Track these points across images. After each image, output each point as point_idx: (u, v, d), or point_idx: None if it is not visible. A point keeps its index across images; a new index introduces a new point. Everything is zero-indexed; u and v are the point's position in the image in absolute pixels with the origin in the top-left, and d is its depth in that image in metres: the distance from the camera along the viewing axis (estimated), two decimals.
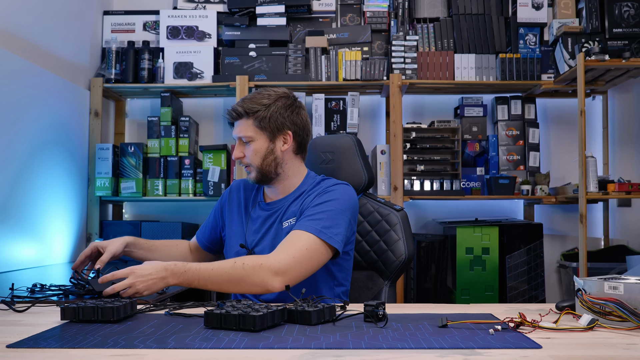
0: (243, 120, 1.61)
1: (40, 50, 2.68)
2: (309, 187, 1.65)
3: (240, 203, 1.74)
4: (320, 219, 1.50)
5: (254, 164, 1.61)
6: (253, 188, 1.75)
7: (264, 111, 1.60)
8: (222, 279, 1.39)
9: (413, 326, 1.10)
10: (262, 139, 1.60)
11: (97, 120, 3.12)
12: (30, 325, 1.14)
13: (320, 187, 1.62)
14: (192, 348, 0.94)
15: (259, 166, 1.61)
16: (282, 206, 1.65)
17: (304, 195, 1.63)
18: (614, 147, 3.34)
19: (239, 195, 1.75)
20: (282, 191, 1.67)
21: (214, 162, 3.13)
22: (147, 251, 1.70)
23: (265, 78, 3.16)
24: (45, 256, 2.62)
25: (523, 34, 3.22)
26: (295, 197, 1.64)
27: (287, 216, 1.62)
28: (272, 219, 1.65)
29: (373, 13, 3.27)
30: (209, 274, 1.39)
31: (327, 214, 1.52)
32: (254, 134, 1.60)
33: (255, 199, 1.72)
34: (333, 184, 1.63)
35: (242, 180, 1.80)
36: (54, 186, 2.71)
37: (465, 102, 3.31)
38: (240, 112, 1.61)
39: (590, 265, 2.80)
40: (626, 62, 2.72)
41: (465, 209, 3.39)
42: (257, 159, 1.61)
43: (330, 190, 1.59)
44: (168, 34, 3.26)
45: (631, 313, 1.07)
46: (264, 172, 1.62)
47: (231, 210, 1.74)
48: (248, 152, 1.61)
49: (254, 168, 1.62)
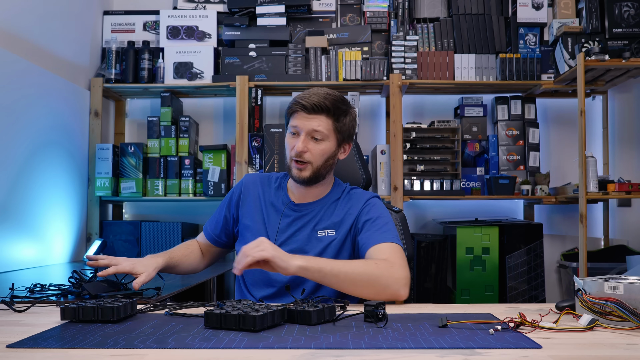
0: (323, 117, 1.53)
1: (41, 50, 2.68)
2: (342, 197, 1.63)
3: (260, 198, 1.65)
4: (389, 230, 1.53)
5: (315, 163, 1.54)
6: (272, 185, 1.68)
7: (346, 116, 1.57)
8: (356, 274, 1.37)
9: (413, 326, 1.10)
10: (333, 141, 1.56)
11: (97, 120, 3.12)
12: (30, 325, 1.14)
13: (358, 198, 1.61)
14: (192, 348, 0.94)
15: (319, 167, 1.55)
16: (311, 210, 1.61)
17: (340, 207, 1.60)
18: (614, 147, 3.34)
19: (257, 190, 1.67)
20: (315, 195, 1.62)
21: (214, 162, 3.13)
22: (173, 268, 1.64)
23: (265, 78, 3.16)
24: (45, 256, 2.62)
25: (523, 34, 3.22)
26: (327, 205, 1.61)
27: (323, 226, 1.59)
28: (302, 222, 1.60)
29: (373, 13, 3.27)
30: (343, 265, 1.38)
31: (390, 226, 1.55)
32: (329, 133, 1.54)
33: (284, 197, 1.64)
34: (371, 196, 1.63)
35: (256, 175, 1.72)
36: (54, 186, 2.71)
37: (465, 102, 3.31)
38: (325, 107, 1.52)
39: (590, 265, 2.80)
40: (626, 62, 2.72)
41: (465, 209, 3.39)
42: (320, 159, 1.54)
43: (375, 204, 1.60)
44: (168, 34, 3.26)
45: (631, 313, 1.07)
46: (319, 174, 1.56)
47: (247, 204, 1.66)
48: (313, 150, 1.53)
49: (312, 167, 1.54)
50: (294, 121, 1.54)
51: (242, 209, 1.66)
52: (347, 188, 1.67)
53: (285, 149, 1.59)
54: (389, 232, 1.53)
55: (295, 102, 1.54)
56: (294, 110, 1.54)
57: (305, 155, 1.53)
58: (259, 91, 3.16)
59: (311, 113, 1.52)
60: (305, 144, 1.52)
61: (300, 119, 1.53)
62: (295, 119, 1.54)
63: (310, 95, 1.53)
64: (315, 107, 1.52)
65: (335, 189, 1.66)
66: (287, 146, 1.57)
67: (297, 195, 1.63)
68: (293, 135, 1.55)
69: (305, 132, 1.53)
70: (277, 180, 1.69)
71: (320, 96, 1.53)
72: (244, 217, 1.65)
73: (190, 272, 1.71)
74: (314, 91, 1.55)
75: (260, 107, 3.16)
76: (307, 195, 1.62)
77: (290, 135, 1.56)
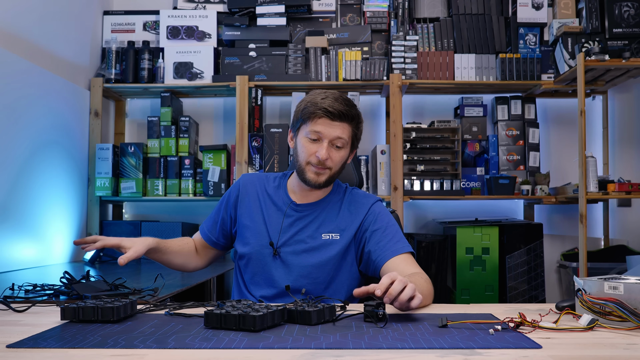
0: (346, 124, 1.53)
1: (41, 51, 2.68)
2: (345, 198, 1.63)
3: (259, 197, 1.64)
4: (401, 238, 1.57)
5: (335, 169, 1.55)
6: (270, 184, 1.66)
7: (361, 123, 1.59)
8: (427, 294, 1.38)
9: (413, 326, 1.10)
10: (348, 148, 1.57)
11: (97, 120, 3.12)
12: (30, 325, 1.14)
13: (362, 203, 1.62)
14: (192, 348, 0.94)
15: (336, 172, 1.56)
16: (314, 211, 1.60)
17: (344, 210, 1.60)
18: (614, 147, 3.34)
19: (256, 189, 1.65)
20: (317, 195, 1.62)
21: (214, 162, 3.13)
22: (164, 254, 1.62)
23: (265, 78, 3.16)
24: (45, 256, 2.62)
25: (523, 34, 3.22)
26: (329, 206, 1.61)
27: (328, 229, 1.58)
28: (304, 223, 1.59)
29: (373, 13, 3.27)
30: (420, 285, 1.37)
31: (400, 232, 1.59)
32: (348, 141, 1.55)
33: (284, 197, 1.63)
34: (374, 200, 1.64)
35: (254, 175, 1.70)
36: (54, 186, 2.71)
37: (465, 102, 3.31)
38: (350, 116, 1.52)
39: (590, 265, 2.80)
40: (626, 62, 2.72)
41: (465, 209, 3.39)
42: (339, 165, 1.56)
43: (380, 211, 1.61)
44: (168, 34, 3.26)
45: (631, 313, 1.07)
46: (333, 178, 1.58)
47: (246, 204, 1.63)
48: (335, 157, 1.53)
49: (330, 172, 1.55)
50: (316, 126, 1.51)
51: (240, 208, 1.64)
52: (347, 188, 1.67)
53: (299, 151, 1.55)
54: (402, 240, 1.56)
55: (319, 107, 1.50)
56: (317, 115, 1.51)
57: (327, 162, 1.52)
58: (259, 91, 3.16)
59: (335, 120, 1.51)
60: (329, 151, 1.51)
61: (323, 125, 1.51)
62: (318, 124, 1.51)
63: (333, 102, 1.51)
64: (342, 114, 1.51)
65: (336, 189, 1.65)
66: (303, 150, 1.54)
67: (300, 195, 1.62)
68: (314, 141, 1.52)
69: (329, 139, 1.51)
70: (276, 180, 1.67)
71: (343, 103, 1.52)
72: (242, 216, 1.63)
73: (181, 265, 1.68)
74: (333, 96, 1.53)
75: (260, 107, 3.16)
76: (309, 196, 1.62)
77: (310, 140, 1.53)
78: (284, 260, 1.56)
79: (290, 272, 1.55)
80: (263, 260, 1.57)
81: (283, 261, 1.56)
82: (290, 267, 1.55)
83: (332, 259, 1.56)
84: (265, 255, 1.57)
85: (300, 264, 1.55)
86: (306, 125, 1.53)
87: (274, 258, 1.57)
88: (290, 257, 1.56)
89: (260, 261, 1.58)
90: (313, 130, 1.51)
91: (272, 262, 1.57)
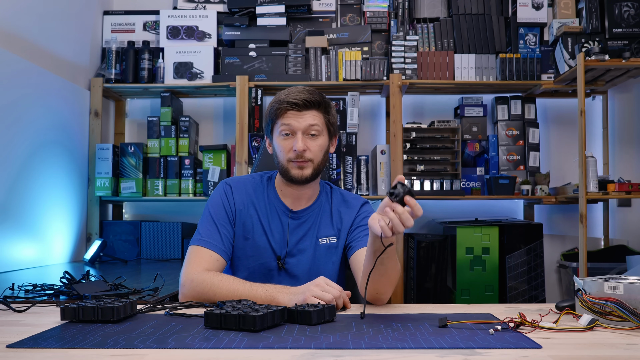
0: (315, 112, 1.50)
1: (40, 50, 2.68)
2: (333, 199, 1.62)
3: (253, 205, 1.56)
4: None
5: (316, 159, 1.51)
6: (257, 189, 1.59)
7: (331, 109, 1.55)
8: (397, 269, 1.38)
9: (413, 326, 1.10)
10: (325, 136, 1.53)
11: (97, 120, 3.12)
12: (30, 325, 1.14)
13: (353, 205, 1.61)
14: (192, 348, 0.94)
15: (319, 163, 1.52)
16: (309, 217, 1.58)
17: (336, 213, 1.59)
18: (614, 147, 3.34)
19: (242, 197, 1.57)
20: (308, 197, 1.58)
21: (214, 162, 3.13)
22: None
23: (265, 78, 3.16)
24: (45, 256, 2.62)
25: (523, 34, 3.22)
26: (321, 209, 1.59)
27: (323, 233, 1.57)
28: (304, 230, 1.56)
29: (373, 13, 3.27)
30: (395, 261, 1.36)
31: None
32: (322, 128, 1.51)
33: (277, 204, 1.58)
34: (362, 202, 1.63)
35: (237, 181, 1.61)
36: (54, 186, 2.71)
37: (465, 102, 3.30)
38: (316, 102, 1.50)
39: (590, 265, 2.80)
40: (626, 62, 2.72)
41: (465, 209, 3.39)
42: (320, 154, 1.52)
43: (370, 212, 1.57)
44: (168, 34, 3.26)
45: (631, 313, 1.07)
46: (319, 171, 1.54)
47: (238, 214, 1.56)
48: (312, 146, 1.50)
49: (313, 164, 1.51)
50: (284, 120, 1.49)
51: (237, 219, 1.57)
52: (333, 189, 1.66)
53: (278, 152, 1.52)
54: None
55: (283, 102, 1.49)
56: (283, 110, 1.49)
57: (306, 153, 1.49)
58: (259, 91, 3.16)
59: (302, 110, 1.49)
60: (304, 142, 1.48)
61: (292, 118, 1.49)
62: (286, 117, 1.49)
63: (295, 94, 1.49)
64: (307, 103, 1.49)
65: (322, 189, 1.64)
66: (280, 149, 1.51)
67: (291, 200, 1.58)
68: (287, 136, 1.50)
69: (302, 129, 1.49)
70: (263, 182, 1.61)
71: (306, 92, 1.50)
72: (239, 227, 1.56)
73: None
74: (296, 89, 1.52)
75: (260, 107, 3.16)
76: (301, 199, 1.58)
77: (283, 137, 1.50)
78: (290, 272, 1.54)
79: (298, 283, 1.48)
80: (268, 275, 1.54)
81: (289, 273, 1.54)
82: (298, 279, 1.53)
83: (335, 263, 1.56)
84: (270, 269, 1.55)
85: (306, 273, 1.54)
86: (277, 124, 1.52)
87: (279, 271, 1.55)
88: (296, 268, 1.54)
89: (265, 275, 1.54)
90: (283, 124, 1.50)
91: (277, 275, 1.54)
